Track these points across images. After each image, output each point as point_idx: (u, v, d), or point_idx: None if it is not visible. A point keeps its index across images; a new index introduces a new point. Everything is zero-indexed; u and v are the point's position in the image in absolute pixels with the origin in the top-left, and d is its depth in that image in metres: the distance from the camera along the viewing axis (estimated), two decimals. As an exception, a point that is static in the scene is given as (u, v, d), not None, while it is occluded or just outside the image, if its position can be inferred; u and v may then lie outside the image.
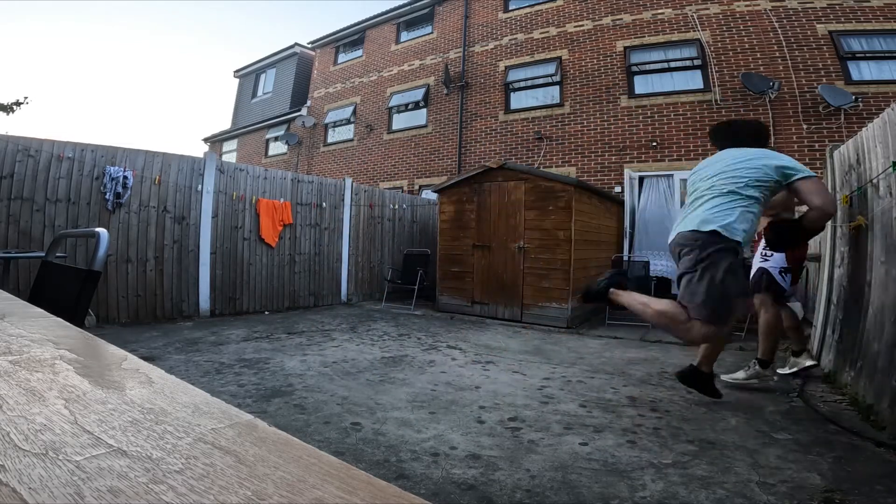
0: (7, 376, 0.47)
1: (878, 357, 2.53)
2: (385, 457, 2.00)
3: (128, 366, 0.54)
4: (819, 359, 3.67)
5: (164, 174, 5.03)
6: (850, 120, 6.54)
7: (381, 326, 5.19)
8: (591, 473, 1.89)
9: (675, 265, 2.67)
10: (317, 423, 2.35)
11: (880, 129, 2.77)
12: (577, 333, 5.08)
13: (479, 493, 1.73)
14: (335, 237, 6.91)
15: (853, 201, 3.26)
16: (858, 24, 6.81)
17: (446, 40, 10.87)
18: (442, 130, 10.58)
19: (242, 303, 5.74)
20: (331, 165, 12.68)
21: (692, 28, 7.85)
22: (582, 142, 8.64)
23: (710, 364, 2.79)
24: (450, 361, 3.71)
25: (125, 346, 0.65)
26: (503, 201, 5.88)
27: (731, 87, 7.40)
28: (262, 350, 3.90)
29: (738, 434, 2.32)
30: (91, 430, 0.35)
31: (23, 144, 4.20)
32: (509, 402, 2.76)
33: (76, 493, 0.26)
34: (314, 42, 13.69)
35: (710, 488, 1.77)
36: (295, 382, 3.03)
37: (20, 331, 0.68)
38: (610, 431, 2.34)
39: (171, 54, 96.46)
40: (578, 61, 8.87)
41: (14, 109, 7.53)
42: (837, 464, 1.99)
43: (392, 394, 2.85)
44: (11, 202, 4.13)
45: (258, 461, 0.32)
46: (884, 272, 2.61)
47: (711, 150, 8.12)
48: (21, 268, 4.06)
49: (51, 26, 77.54)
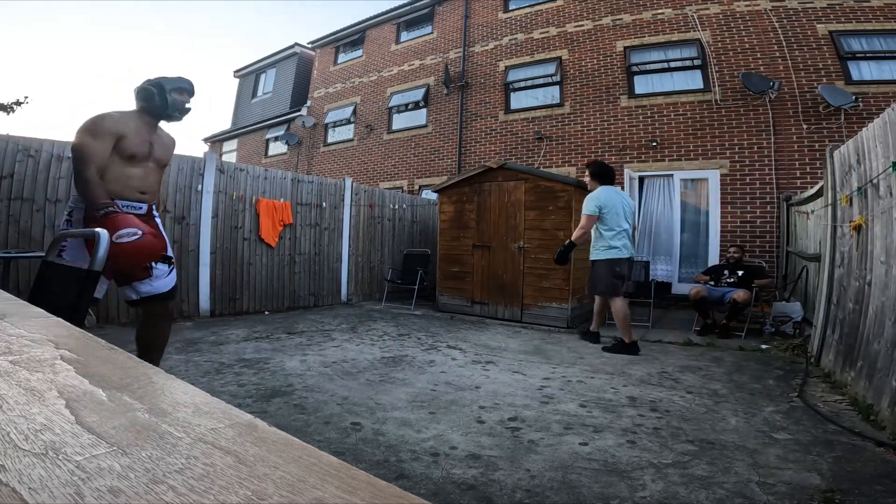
0: (7, 376, 0.47)
1: (878, 357, 2.53)
2: (385, 457, 2.00)
3: (128, 365, 0.54)
4: (819, 359, 3.67)
5: (164, 174, 5.02)
6: (850, 120, 6.54)
7: (381, 326, 5.19)
8: (591, 473, 1.89)
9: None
10: (317, 423, 2.35)
11: (880, 129, 2.77)
12: (578, 333, 5.08)
13: (479, 493, 1.73)
14: (335, 237, 6.91)
15: (853, 201, 3.26)
16: (858, 24, 6.81)
17: (446, 40, 10.87)
18: (442, 130, 10.58)
19: (242, 303, 5.73)
20: (331, 165, 12.68)
21: (692, 28, 7.85)
22: (582, 142, 8.64)
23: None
24: (450, 361, 3.71)
25: (125, 346, 0.65)
26: (503, 201, 5.88)
27: (731, 87, 7.40)
28: (262, 350, 3.90)
29: (738, 434, 2.32)
30: (91, 430, 0.35)
31: (23, 144, 4.20)
32: (509, 402, 2.76)
33: (76, 493, 0.26)
34: (314, 42, 13.69)
35: (710, 488, 1.77)
36: (295, 382, 3.03)
37: (20, 331, 0.68)
38: (610, 431, 2.34)
39: (171, 54, 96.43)
40: (578, 61, 8.87)
41: (14, 109, 7.51)
42: (837, 464, 1.99)
43: (392, 394, 2.85)
44: (11, 202, 4.12)
45: (258, 461, 0.32)
46: (884, 272, 2.61)
47: (711, 150, 8.10)
48: (21, 268, 4.06)
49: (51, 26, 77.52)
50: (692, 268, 7.33)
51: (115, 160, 2.23)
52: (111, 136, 2.21)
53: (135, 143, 2.29)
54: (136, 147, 2.30)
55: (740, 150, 7.26)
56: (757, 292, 4.91)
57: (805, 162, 6.85)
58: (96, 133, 2.18)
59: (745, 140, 7.23)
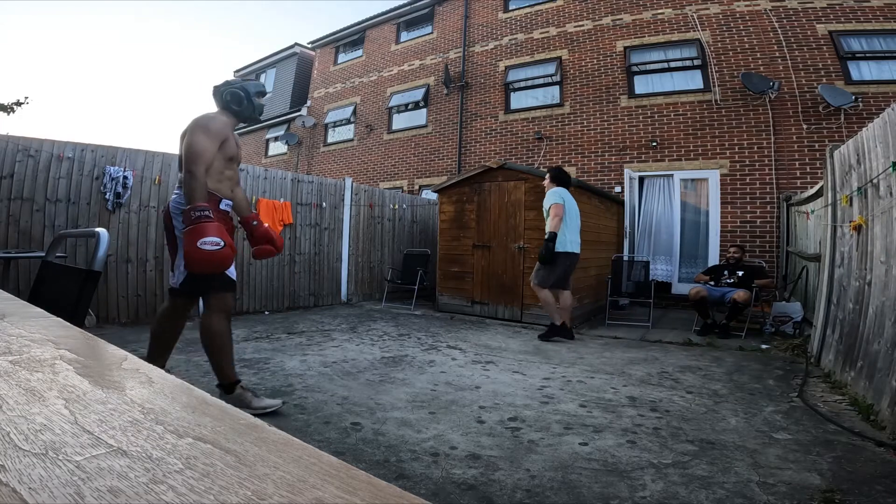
0: (7, 376, 0.47)
1: (878, 357, 2.53)
2: (385, 457, 2.00)
3: (128, 366, 0.54)
4: (819, 359, 3.67)
5: (164, 174, 5.03)
6: (850, 120, 6.54)
7: (381, 326, 5.19)
8: (591, 473, 1.89)
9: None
10: (317, 423, 2.35)
11: (880, 129, 2.77)
12: (577, 333, 5.08)
13: (479, 493, 1.73)
14: (335, 237, 6.91)
15: (853, 201, 3.26)
16: (858, 24, 6.81)
17: (446, 40, 10.87)
18: (442, 130, 10.58)
19: (242, 303, 5.73)
20: (331, 165, 12.68)
21: (692, 28, 7.85)
22: (582, 142, 8.64)
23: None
24: (450, 361, 3.71)
25: (125, 346, 0.65)
26: (503, 201, 5.88)
27: (731, 87, 7.40)
28: (261, 350, 3.90)
29: (738, 434, 2.32)
30: (91, 430, 0.35)
31: (23, 144, 4.20)
32: (509, 402, 2.76)
33: (76, 493, 0.26)
34: (314, 42, 13.69)
35: (710, 488, 1.77)
36: (295, 382, 3.03)
37: (20, 331, 0.68)
38: (610, 431, 2.34)
39: (171, 54, 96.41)
40: (578, 61, 8.87)
41: (14, 109, 7.51)
42: (837, 464, 1.99)
43: (392, 394, 2.85)
44: (11, 202, 4.12)
45: (258, 461, 0.32)
46: (884, 272, 2.61)
47: (711, 150, 8.10)
48: (21, 268, 4.06)
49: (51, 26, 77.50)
50: (692, 268, 7.33)
51: (217, 160, 2.37)
52: (220, 138, 2.35)
53: (233, 145, 2.46)
54: (234, 149, 2.47)
55: (740, 150, 7.26)
56: (757, 292, 4.91)
57: (805, 162, 6.85)
58: (210, 133, 2.31)
59: (745, 140, 7.23)
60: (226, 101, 2.50)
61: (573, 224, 4.66)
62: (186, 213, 2.19)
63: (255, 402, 2.47)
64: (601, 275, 6.22)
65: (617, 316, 6.14)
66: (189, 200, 2.21)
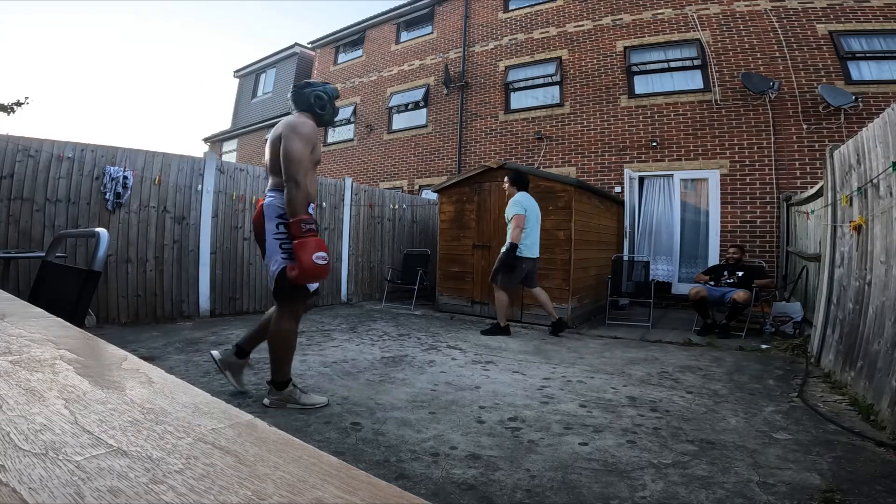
0: (7, 376, 0.47)
1: (878, 357, 2.53)
2: (385, 457, 2.00)
3: (128, 366, 0.54)
4: (819, 359, 3.67)
5: (164, 174, 5.03)
6: (850, 120, 6.54)
7: (381, 326, 5.19)
8: (591, 473, 1.89)
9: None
10: (317, 423, 2.35)
11: (880, 129, 2.77)
12: (577, 333, 5.08)
13: (479, 493, 1.73)
14: (335, 237, 6.91)
15: (853, 201, 3.26)
16: (858, 24, 6.81)
17: (446, 40, 10.87)
18: (442, 130, 10.58)
19: (242, 303, 5.73)
20: (331, 165, 12.68)
21: (692, 28, 7.85)
22: (582, 142, 8.64)
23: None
24: (450, 361, 3.71)
25: (125, 346, 0.65)
26: (503, 201, 5.86)
27: (731, 87, 7.40)
28: (262, 350, 3.89)
29: (738, 434, 2.32)
30: (91, 430, 0.35)
31: (23, 144, 4.20)
32: (509, 402, 2.76)
33: (76, 493, 0.26)
34: (314, 42, 13.69)
35: (710, 488, 1.77)
36: (295, 382, 3.02)
37: (20, 331, 0.68)
38: (610, 431, 2.34)
39: (171, 54, 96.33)
40: (578, 61, 8.87)
41: (14, 109, 7.52)
42: (837, 464, 1.99)
43: (392, 394, 2.85)
44: (11, 202, 4.12)
45: (258, 461, 0.32)
46: (884, 272, 2.61)
47: (711, 150, 8.09)
48: (21, 268, 4.06)
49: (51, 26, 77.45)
50: (692, 268, 7.33)
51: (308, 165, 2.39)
52: (312, 143, 2.36)
53: (320, 149, 2.47)
54: (319, 153, 2.49)
55: (740, 150, 7.26)
56: (757, 292, 4.91)
57: (805, 162, 6.85)
58: (306, 139, 2.31)
59: (745, 140, 7.23)
60: (310, 105, 2.49)
61: (534, 231, 4.85)
62: (296, 224, 2.22)
63: (304, 399, 2.52)
64: (601, 275, 6.22)
65: (617, 316, 6.14)
66: (296, 210, 2.23)
